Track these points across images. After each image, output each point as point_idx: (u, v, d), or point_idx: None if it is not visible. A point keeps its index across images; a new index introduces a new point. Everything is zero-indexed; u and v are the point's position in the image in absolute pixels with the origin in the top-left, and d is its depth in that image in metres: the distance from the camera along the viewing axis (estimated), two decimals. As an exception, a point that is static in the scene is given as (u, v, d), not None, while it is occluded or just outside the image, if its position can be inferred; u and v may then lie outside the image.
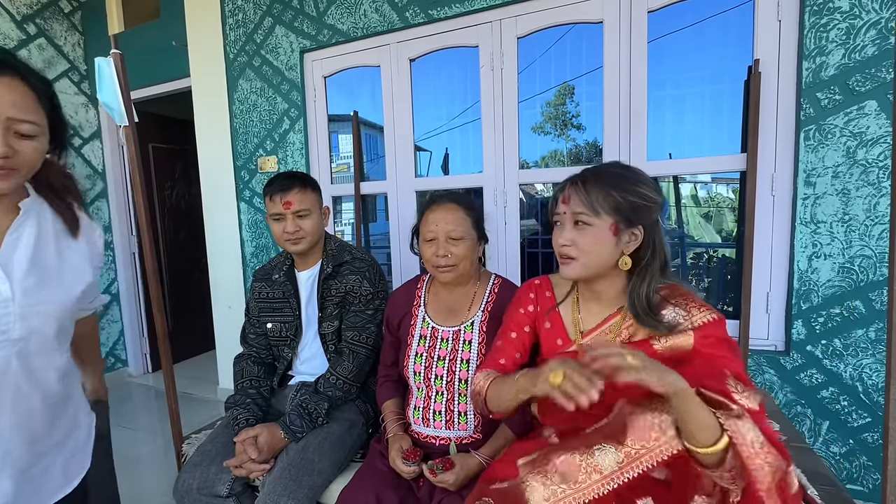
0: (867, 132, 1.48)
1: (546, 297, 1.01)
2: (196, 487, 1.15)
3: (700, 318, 0.83)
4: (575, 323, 0.96)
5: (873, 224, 1.50)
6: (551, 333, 0.98)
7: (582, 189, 0.86)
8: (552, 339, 0.97)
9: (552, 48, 2.03)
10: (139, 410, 2.81)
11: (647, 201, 0.85)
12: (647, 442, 0.72)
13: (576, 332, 0.95)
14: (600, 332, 0.92)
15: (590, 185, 0.86)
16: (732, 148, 1.77)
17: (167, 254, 3.47)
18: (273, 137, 2.48)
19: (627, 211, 0.84)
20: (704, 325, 0.82)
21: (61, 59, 2.96)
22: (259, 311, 1.44)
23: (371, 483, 1.05)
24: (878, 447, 1.56)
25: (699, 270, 2.76)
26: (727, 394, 0.70)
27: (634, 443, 0.72)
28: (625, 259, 0.86)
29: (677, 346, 0.82)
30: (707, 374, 0.75)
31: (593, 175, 0.87)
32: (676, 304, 0.85)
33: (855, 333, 1.55)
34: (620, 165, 0.91)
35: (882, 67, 1.45)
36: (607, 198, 0.84)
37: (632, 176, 0.87)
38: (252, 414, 1.26)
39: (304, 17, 2.32)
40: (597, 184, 0.85)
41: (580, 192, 0.86)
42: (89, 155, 3.12)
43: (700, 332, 0.82)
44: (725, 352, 0.79)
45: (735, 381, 0.72)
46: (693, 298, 0.86)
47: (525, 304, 1.03)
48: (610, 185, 0.85)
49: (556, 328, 0.97)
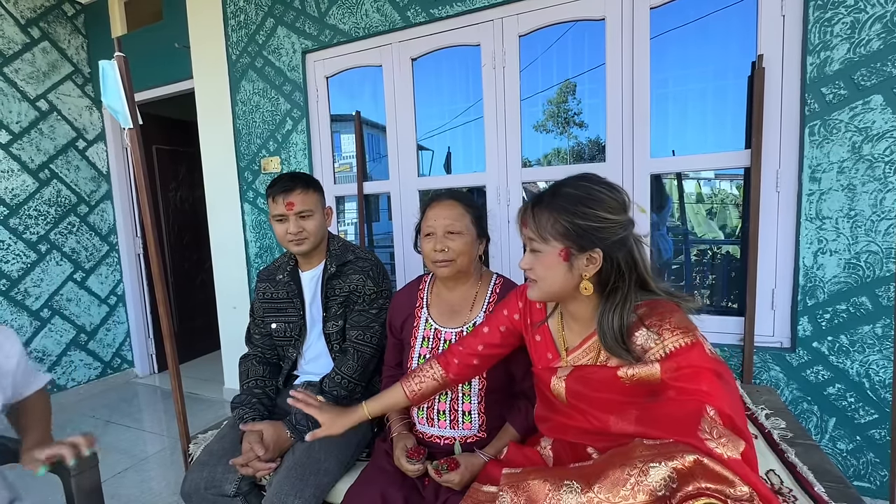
0: (873, 127, 1.47)
1: (537, 309, 1.00)
2: (203, 487, 1.16)
3: (671, 343, 0.76)
4: (561, 339, 0.94)
5: (879, 219, 1.49)
6: (541, 347, 0.97)
7: (531, 215, 0.83)
8: (542, 353, 0.96)
9: (554, 46, 2.03)
10: (146, 411, 2.83)
11: (602, 223, 0.78)
12: (613, 497, 0.66)
13: (562, 349, 0.93)
14: (581, 351, 0.90)
15: (539, 211, 0.82)
16: (736, 144, 1.76)
17: (172, 255, 3.49)
18: (276, 138, 2.49)
19: (578, 235, 0.79)
20: (674, 352, 0.76)
21: (65, 63, 2.98)
22: (263, 311, 1.45)
23: (377, 482, 1.06)
24: (885, 444, 1.55)
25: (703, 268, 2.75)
26: (700, 447, 0.65)
27: (600, 492, 0.67)
28: (584, 284, 0.81)
29: (643, 378, 0.77)
30: (678, 418, 0.70)
31: (548, 198, 0.83)
32: (650, 326, 0.79)
33: (861, 329, 1.54)
34: (581, 183, 0.82)
35: (888, 61, 1.44)
36: (555, 224, 0.80)
37: (587, 196, 0.80)
38: (258, 413, 1.27)
39: (305, 18, 2.32)
40: (547, 208, 0.81)
41: (530, 219, 0.83)
42: (94, 157, 3.14)
43: (668, 363, 0.75)
44: (701, 384, 0.73)
45: (711, 424, 0.67)
46: (669, 318, 0.79)
47: (511, 309, 1.02)
48: (559, 209, 0.80)
49: (546, 342, 0.96)
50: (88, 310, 3.11)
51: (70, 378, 3.00)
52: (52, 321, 2.91)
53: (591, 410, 0.84)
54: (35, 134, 2.83)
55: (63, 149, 2.97)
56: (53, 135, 2.92)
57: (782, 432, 1.26)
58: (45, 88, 2.88)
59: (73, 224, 3.02)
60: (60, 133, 2.96)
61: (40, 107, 2.85)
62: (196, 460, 1.23)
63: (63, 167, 2.97)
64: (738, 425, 0.71)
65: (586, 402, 0.85)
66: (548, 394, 0.93)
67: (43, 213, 2.86)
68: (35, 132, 2.83)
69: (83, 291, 3.08)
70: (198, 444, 1.41)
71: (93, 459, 1.02)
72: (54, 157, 2.92)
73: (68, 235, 2.99)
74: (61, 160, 2.96)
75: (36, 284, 2.83)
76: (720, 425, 0.68)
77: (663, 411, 0.74)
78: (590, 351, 0.89)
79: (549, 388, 0.92)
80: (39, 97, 2.85)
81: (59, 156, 2.95)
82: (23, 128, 2.77)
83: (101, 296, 3.18)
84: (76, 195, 3.04)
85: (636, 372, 0.78)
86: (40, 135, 2.85)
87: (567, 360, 0.91)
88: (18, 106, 2.75)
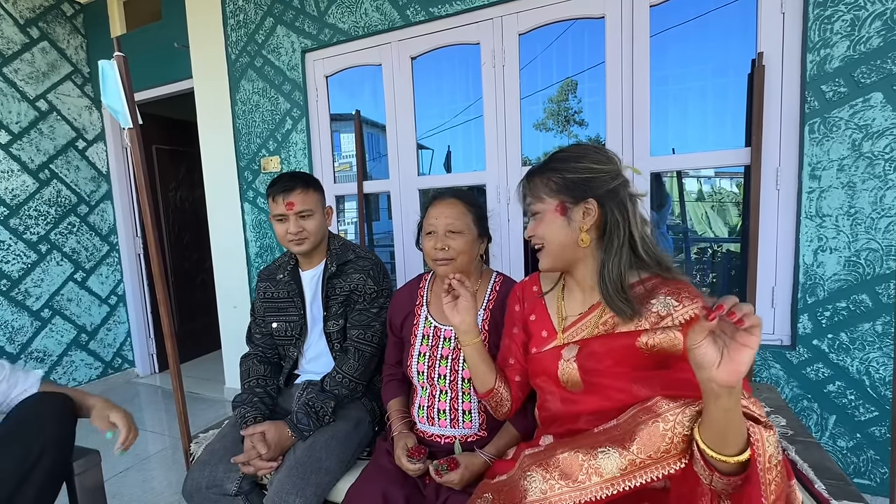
0: (873, 124, 1.47)
1: (532, 292, 1.01)
2: (205, 486, 1.16)
3: (692, 309, 0.77)
4: (559, 313, 0.94)
5: (879, 217, 1.49)
6: (537, 325, 0.97)
7: (527, 182, 0.90)
8: (538, 332, 0.96)
9: (554, 44, 2.03)
10: (147, 410, 2.83)
11: (591, 173, 0.83)
12: (654, 453, 0.67)
13: (560, 321, 0.93)
14: (583, 322, 0.89)
15: (533, 177, 0.89)
16: (736, 142, 1.76)
17: (172, 255, 3.49)
18: (276, 137, 2.49)
19: (569, 188, 0.84)
20: (693, 318, 0.77)
21: (64, 63, 2.97)
22: (264, 310, 1.45)
23: (378, 481, 1.06)
24: (885, 441, 1.55)
25: (703, 265, 2.75)
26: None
27: (640, 451, 0.68)
28: (582, 236, 0.84)
29: (665, 349, 0.77)
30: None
31: (542, 165, 0.89)
32: (668, 294, 0.80)
33: (862, 327, 1.54)
34: (570, 147, 0.90)
35: (888, 59, 1.43)
36: (548, 182, 0.86)
37: (573, 153, 0.87)
38: (259, 412, 1.27)
39: (305, 17, 2.32)
40: (539, 172, 0.88)
41: (526, 186, 0.90)
42: (94, 157, 3.14)
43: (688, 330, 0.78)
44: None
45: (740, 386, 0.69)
46: (687, 288, 0.80)
47: (513, 302, 1.04)
48: (550, 169, 0.87)
49: (542, 319, 0.96)
50: (89, 310, 3.11)
51: (71, 378, 3.00)
52: (53, 321, 2.91)
53: (614, 384, 0.81)
54: (35, 134, 2.82)
55: (63, 149, 2.97)
56: (53, 135, 2.92)
57: (783, 430, 1.26)
58: (45, 88, 2.87)
59: (73, 224, 3.02)
60: (60, 133, 2.96)
61: (40, 107, 2.85)
62: (197, 459, 1.23)
63: (63, 167, 2.97)
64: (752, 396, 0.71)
65: (605, 376, 0.82)
66: (555, 389, 0.91)
67: (43, 214, 2.86)
68: (35, 132, 2.82)
69: (84, 291, 3.08)
70: (199, 444, 1.41)
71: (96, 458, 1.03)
72: (54, 158, 2.92)
73: (68, 235, 3.00)
74: (61, 160, 2.96)
75: (36, 285, 2.83)
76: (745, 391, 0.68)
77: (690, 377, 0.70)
78: (587, 325, 0.88)
79: (556, 380, 0.89)
80: (39, 97, 2.85)
81: (58, 156, 2.95)
82: (22, 128, 2.76)
83: (102, 296, 3.18)
84: (76, 195, 3.04)
85: (657, 342, 0.77)
86: (40, 135, 2.85)
87: (563, 336, 0.90)
88: (18, 106, 2.74)
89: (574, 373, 0.86)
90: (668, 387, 0.75)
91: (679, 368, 0.75)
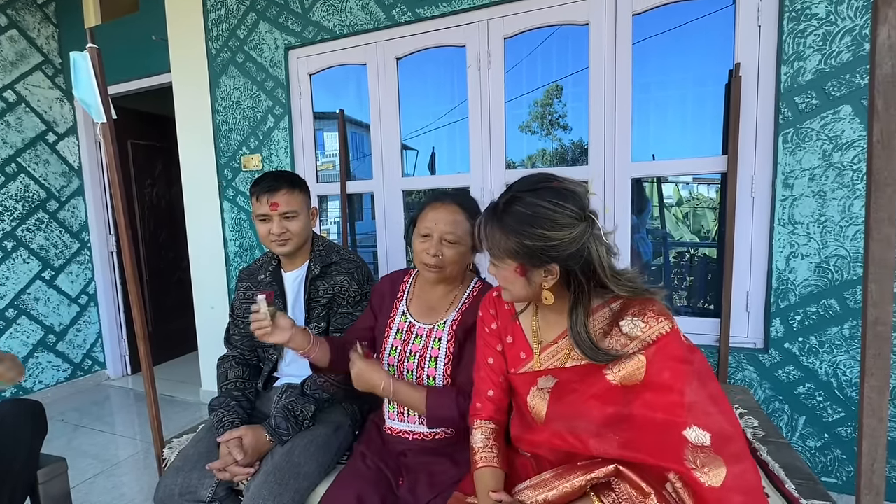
0: (842, 136, 1.53)
1: (505, 310, 0.97)
2: (178, 493, 1.12)
3: (656, 329, 0.77)
4: (534, 333, 0.92)
5: (847, 225, 1.55)
6: (514, 347, 0.94)
7: (484, 232, 0.82)
8: (516, 353, 0.94)
9: (539, 49, 2.04)
10: (118, 414, 2.73)
11: (551, 242, 0.75)
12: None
13: (536, 343, 0.91)
14: (555, 347, 0.88)
15: (491, 229, 0.80)
16: (714, 150, 1.81)
17: (147, 253, 3.39)
18: (257, 135, 2.44)
19: (529, 255, 0.77)
20: (658, 339, 0.77)
21: (34, 52, 2.86)
22: (244, 311, 1.42)
23: (352, 484, 1.04)
24: (851, 441, 1.61)
25: (681, 270, 2.81)
26: (687, 474, 0.70)
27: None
28: (545, 294, 0.80)
29: (630, 377, 0.77)
30: (663, 445, 0.73)
31: (499, 214, 0.80)
32: (635, 315, 0.79)
33: (830, 331, 1.59)
34: (529, 200, 0.77)
35: (857, 73, 1.49)
36: (506, 243, 0.78)
37: (533, 216, 0.76)
38: (237, 416, 1.24)
39: (288, 14, 2.28)
40: (498, 226, 0.79)
41: (484, 235, 0.82)
42: (65, 151, 3.03)
43: (652, 353, 0.76)
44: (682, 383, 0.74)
45: (694, 453, 0.71)
46: (651, 306, 0.79)
47: (487, 321, 1.00)
48: (509, 229, 0.77)
49: (518, 341, 0.94)
50: (58, 310, 2.99)
51: (37, 381, 2.88)
52: (18, 321, 2.79)
53: (572, 432, 0.82)
54: (1, 126, 2.70)
55: (32, 142, 2.85)
56: (21, 127, 2.80)
57: (755, 431, 1.30)
58: (13, 79, 2.75)
59: (41, 220, 2.90)
60: (29, 125, 2.84)
61: (7, 97, 2.73)
62: (170, 465, 1.20)
63: (31, 161, 2.85)
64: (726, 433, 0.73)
65: (566, 425, 0.84)
66: (524, 409, 0.91)
67: (9, 209, 2.74)
68: (1, 124, 2.71)
69: (52, 290, 2.96)
70: (172, 449, 1.37)
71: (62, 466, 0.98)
72: (22, 151, 2.80)
73: (36, 232, 2.88)
74: (30, 154, 2.84)
75: (1, 283, 2.71)
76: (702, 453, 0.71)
77: (648, 438, 0.75)
78: (563, 348, 0.87)
79: (525, 403, 0.90)
80: (6, 87, 2.73)
81: (27, 149, 2.83)
82: (-12, 119, 2.65)
83: (72, 295, 3.06)
84: (45, 190, 2.92)
85: (625, 370, 0.78)
86: (7, 127, 2.73)
87: (540, 359, 0.90)
88: (-17, 96, 2.63)
89: (541, 406, 0.87)
90: (625, 446, 0.77)
91: (641, 404, 0.76)
